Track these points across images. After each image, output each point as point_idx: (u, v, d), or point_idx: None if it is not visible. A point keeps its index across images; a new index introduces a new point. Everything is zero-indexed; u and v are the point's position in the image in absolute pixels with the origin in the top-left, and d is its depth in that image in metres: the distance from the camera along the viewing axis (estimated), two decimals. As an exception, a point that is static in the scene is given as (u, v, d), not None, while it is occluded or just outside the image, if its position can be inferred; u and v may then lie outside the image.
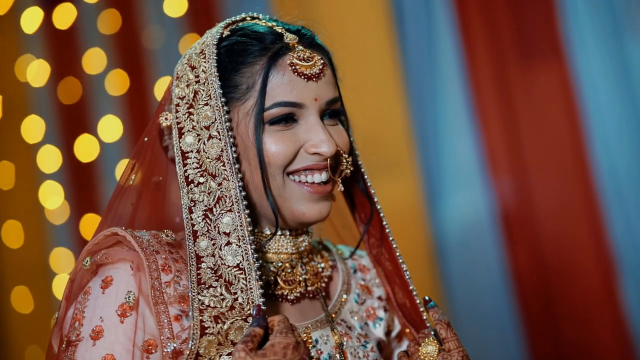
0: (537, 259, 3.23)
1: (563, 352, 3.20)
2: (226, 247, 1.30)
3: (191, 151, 1.34)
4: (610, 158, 3.08)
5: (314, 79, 1.36)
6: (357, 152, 1.52)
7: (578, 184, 3.16)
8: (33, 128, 4.32)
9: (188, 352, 1.25)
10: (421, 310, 1.49)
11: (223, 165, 1.32)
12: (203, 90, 1.35)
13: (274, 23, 1.43)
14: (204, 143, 1.34)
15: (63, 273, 4.23)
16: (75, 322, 1.30)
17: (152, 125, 1.46)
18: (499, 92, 3.29)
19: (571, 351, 3.18)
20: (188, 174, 1.34)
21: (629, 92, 3.07)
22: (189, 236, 1.31)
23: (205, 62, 1.36)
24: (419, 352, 1.39)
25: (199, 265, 1.30)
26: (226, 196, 1.32)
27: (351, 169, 1.43)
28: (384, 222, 1.52)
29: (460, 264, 3.36)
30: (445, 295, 3.39)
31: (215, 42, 1.38)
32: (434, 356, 1.37)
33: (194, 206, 1.32)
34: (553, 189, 3.21)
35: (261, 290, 1.29)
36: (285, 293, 1.43)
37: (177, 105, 1.38)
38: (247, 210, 1.31)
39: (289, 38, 1.38)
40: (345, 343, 1.46)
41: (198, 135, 1.34)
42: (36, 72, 4.32)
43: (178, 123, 1.37)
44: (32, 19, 4.28)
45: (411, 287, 1.50)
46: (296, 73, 1.35)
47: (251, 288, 1.29)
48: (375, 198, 1.51)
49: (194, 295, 1.27)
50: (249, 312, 1.28)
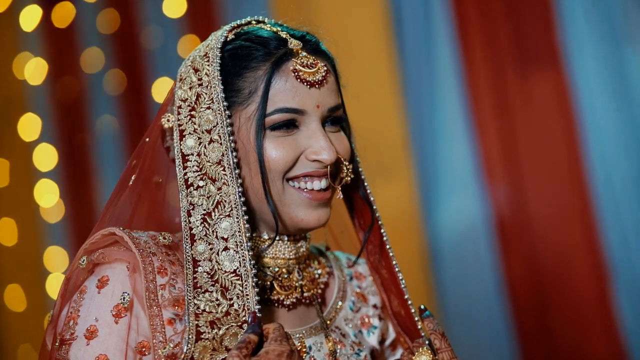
0: (531, 267, 3.24)
1: (556, 360, 3.20)
2: (224, 252, 1.30)
3: (192, 154, 1.34)
4: (606, 167, 3.08)
5: (317, 86, 1.36)
6: (358, 159, 1.52)
7: (573, 193, 3.16)
8: (30, 126, 4.32)
9: (182, 357, 1.24)
10: (416, 319, 1.48)
11: (223, 169, 1.32)
12: (206, 93, 1.35)
13: (279, 28, 1.42)
14: (205, 147, 1.33)
15: (57, 272, 4.23)
16: (69, 321, 1.30)
17: (154, 126, 1.46)
18: (496, 99, 3.29)
19: (564, 359, 3.19)
20: (188, 177, 1.33)
21: (626, 101, 3.07)
22: (187, 239, 1.31)
23: (208, 66, 1.36)
24: None
25: (196, 269, 1.29)
26: (225, 201, 1.31)
27: (351, 177, 1.43)
28: (382, 230, 1.51)
29: (454, 270, 3.36)
30: (438, 301, 3.39)
31: (219, 46, 1.38)
32: None
33: (193, 210, 1.32)
34: (548, 197, 3.22)
35: (257, 297, 1.29)
36: (281, 298, 1.42)
37: (180, 107, 1.37)
38: (246, 216, 1.31)
39: (293, 44, 1.37)
40: (338, 351, 1.46)
41: (199, 138, 1.34)
42: (34, 70, 4.32)
43: (180, 125, 1.36)
44: (31, 17, 4.29)
45: (406, 297, 1.50)
46: (299, 79, 1.35)
47: (247, 295, 1.29)
48: (374, 206, 1.51)
49: (190, 299, 1.27)
50: (245, 319, 1.28)
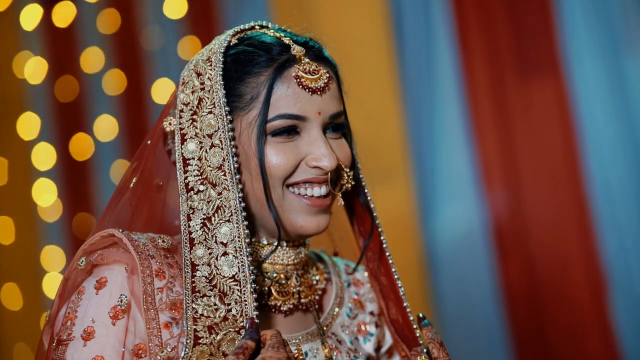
0: (528, 273, 3.24)
1: (552, 367, 3.20)
2: (223, 258, 1.30)
3: (193, 158, 1.34)
4: (604, 174, 3.09)
5: (319, 93, 1.36)
6: (359, 166, 1.52)
7: (571, 200, 3.17)
8: (29, 125, 4.32)
9: None
10: (414, 327, 1.48)
11: (224, 174, 1.32)
12: (208, 98, 1.35)
13: (282, 34, 1.42)
14: (206, 151, 1.33)
15: (53, 271, 4.23)
16: (67, 321, 1.30)
17: (156, 128, 1.45)
18: (496, 106, 3.30)
19: (560, 366, 3.19)
20: (188, 181, 1.33)
21: (625, 109, 3.08)
22: (186, 243, 1.31)
23: (211, 70, 1.36)
24: None
25: (194, 273, 1.29)
26: (225, 206, 1.31)
27: (352, 184, 1.43)
28: (382, 238, 1.51)
29: (451, 276, 3.37)
30: (434, 306, 3.39)
31: (222, 50, 1.38)
32: None
33: (193, 214, 1.32)
34: (546, 204, 3.22)
35: (255, 303, 1.28)
36: (278, 304, 1.42)
37: (181, 111, 1.37)
38: (246, 221, 1.31)
39: (296, 50, 1.37)
40: (334, 357, 1.46)
41: (200, 142, 1.34)
42: (34, 69, 4.33)
43: (181, 129, 1.36)
44: (32, 16, 4.29)
45: (405, 304, 1.49)
46: (301, 86, 1.35)
47: (245, 300, 1.28)
48: (375, 212, 1.51)
49: (188, 303, 1.27)
50: (242, 324, 1.28)
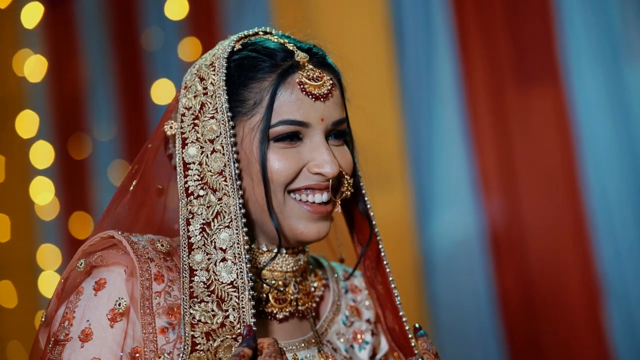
0: (524, 281, 3.24)
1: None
2: (221, 264, 1.29)
3: (193, 163, 1.34)
4: (601, 183, 3.09)
5: (322, 99, 1.36)
6: (360, 174, 1.51)
7: (568, 208, 3.17)
8: (27, 123, 4.32)
9: None
10: (410, 336, 1.47)
11: (225, 180, 1.32)
12: (210, 103, 1.35)
13: (286, 40, 1.42)
14: (207, 156, 1.33)
15: (49, 270, 4.23)
16: (65, 321, 1.29)
17: (157, 132, 1.45)
18: (495, 113, 3.30)
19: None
20: (188, 186, 1.33)
21: (624, 119, 3.09)
22: (184, 248, 1.30)
23: (214, 75, 1.36)
24: None
25: (192, 278, 1.29)
26: (225, 212, 1.31)
27: (352, 191, 1.43)
28: (380, 246, 1.51)
29: (446, 282, 3.36)
30: (429, 312, 3.39)
31: (225, 56, 1.37)
32: None
33: (192, 218, 1.31)
34: (543, 212, 3.22)
35: (253, 310, 1.28)
36: (275, 311, 1.42)
37: (183, 115, 1.37)
38: (246, 228, 1.31)
39: (300, 56, 1.37)
40: None
41: (201, 147, 1.34)
42: (33, 67, 4.33)
43: (182, 133, 1.36)
44: (32, 14, 4.29)
45: (401, 313, 1.49)
46: (304, 92, 1.35)
47: (243, 307, 1.28)
48: (374, 221, 1.51)
49: (186, 308, 1.27)
50: (239, 331, 1.27)
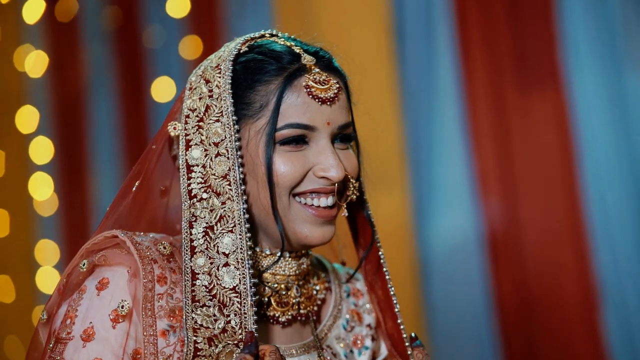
0: (521, 285, 3.24)
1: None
2: (224, 268, 1.29)
3: (197, 165, 1.33)
4: (600, 188, 3.10)
5: (328, 103, 1.35)
6: (361, 179, 1.51)
7: (566, 213, 3.17)
8: (27, 118, 4.32)
9: None
10: (406, 344, 1.47)
11: (229, 184, 1.31)
12: (215, 105, 1.34)
13: (293, 43, 1.41)
14: (211, 159, 1.32)
15: (47, 265, 4.23)
16: (67, 319, 1.29)
17: (160, 133, 1.44)
18: (495, 116, 3.30)
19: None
20: (191, 188, 1.32)
21: (624, 124, 3.09)
22: (187, 251, 1.30)
23: (220, 77, 1.35)
24: None
25: (194, 282, 1.29)
26: (229, 216, 1.30)
27: (357, 195, 1.43)
28: (380, 252, 1.51)
29: (443, 285, 3.36)
30: (425, 315, 3.38)
31: (231, 58, 1.37)
32: None
33: (195, 221, 1.31)
34: (541, 216, 3.23)
35: (255, 317, 1.28)
36: (277, 315, 1.41)
37: (187, 116, 1.36)
38: (249, 233, 1.30)
39: (307, 59, 1.36)
40: None
41: (206, 150, 1.33)
42: (34, 63, 4.33)
43: (186, 135, 1.35)
44: (34, 10, 4.29)
45: (399, 321, 1.49)
46: (311, 95, 1.34)
47: (245, 313, 1.27)
48: (374, 227, 1.51)
49: (188, 312, 1.27)
50: (241, 337, 1.27)
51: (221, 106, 1.33)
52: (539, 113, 3.22)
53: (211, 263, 1.29)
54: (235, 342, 1.27)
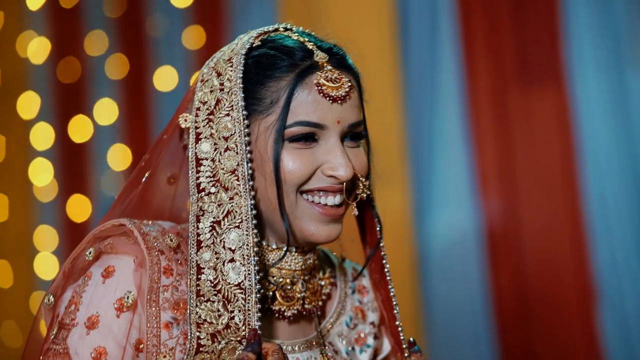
0: (519, 282, 3.25)
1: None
2: (230, 264, 1.28)
3: (206, 159, 1.32)
4: (600, 187, 3.11)
5: (339, 101, 1.33)
6: (371, 178, 1.49)
7: (566, 211, 3.18)
8: (29, 104, 4.32)
9: None
10: (404, 347, 1.47)
11: (237, 179, 1.30)
12: (226, 99, 1.33)
13: (307, 38, 1.39)
14: (220, 153, 1.32)
15: (46, 251, 4.23)
16: (71, 305, 1.29)
17: (171, 123, 1.44)
18: (496, 114, 3.31)
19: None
20: (200, 182, 1.32)
21: (625, 123, 3.10)
22: (193, 245, 1.29)
23: (231, 71, 1.34)
24: None
25: (199, 276, 1.28)
26: (236, 211, 1.29)
27: (367, 193, 1.41)
28: (383, 253, 1.51)
29: (441, 281, 3.37)
30: (423, 311, 3.39)
31: (244, 52, 1.35)
32: None
33: (202, 215, 1.30)
34: (541, 214, 3.24)
35: (259, 314, 1.27)
36: (282, 309, 1.40)
37: (198, 109, 1.35)
38: (256, 229, 1.30)
39: (319, 56, 1.35)
40: None
41: (215, 144, 1.32)
42: (37, 49, 4.32)
43: (196, 127, 1.34)
44: (37, -4, 4.29)
45: (397, 322, 1.49)
46: (322, 94, 1.32)
47: (249, 310, 1.27)
48: (382, 227, 1.50)
49: (192, 307, 1.26)
50: (244, 334, 1.27)
51: (232, 100, 1.32)
52: (541, 111, 3.23)
53: (217, 258, 1.28)
54: (238, 339, 1.27)
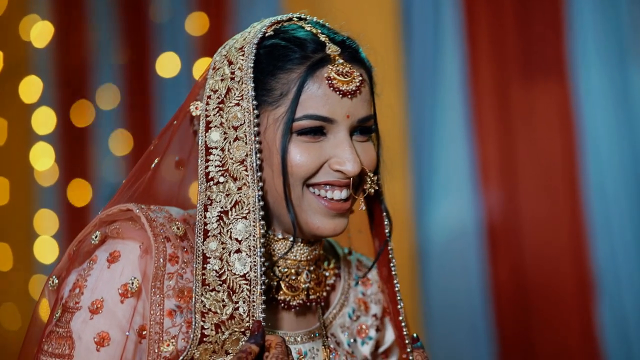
0: (518, 274, 3.25)
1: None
2: (235, 255, 1.28)
3: (215, 148, 1.32)
4: (601, 181, 3.11)
5: (349, 96, 1.33)
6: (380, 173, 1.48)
7: (566, 204, 3.19)
8: (31, 88, 4.32)
9: (183, 356, 1.25)
10: (407, 342, 1.47)
11: (245, 170, 1.29)
12: (237, 89, 1.32)
13: (320, 30, 1.38)
14: (230, 143, 1.31)
15: (46, 235, 4.24)
16: (76, 288, 1.29)
17: (182, 110, 1.43)
18: (499, 107, 3.30)
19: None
20: (209, 171, 1.31)
21: (627, 118, 3.10)
22: (199, 234, 1.29)
23: (243, 60, 1.33)
24: None
25: (205, 265, 1.28)
26: (244, 202, 1.29)
27: (375, 188, 1.40)
28: (390, 248, 1.50)
29: (440, 273, 3.37)
30: (422, 302, 3.39)
31: (256, 41, 1.34)
32: None
33: (210, 205, 1.30)
34: (541, 207, 3.24)
35: (263, 305, 1.27)
36: (287, 299, 1.40)
37: (209, 97, 1.35)
38: (263, 221, 1.29)
39: (331, 49, 1.34)
40: (332, 359, 1.45)
41: (225, 133, 1.32)
42: (39, 33, 4.32)
43: (207, 116, 1.34)
44: (41, -20, 4.28)
45: (401, 318, 1.49)
46: (332, 87, 1.31)
47: (254, 301, 1.27)
48: (391, 221, 1.50)
49: (198, 296, 1.26)
50: (248, 325, 1.27)
51: (242, 90, 1.31)
52: (543, 106, 3.23)
53: (223, 248, 1.28)
54: (242, 330, 1.27)
